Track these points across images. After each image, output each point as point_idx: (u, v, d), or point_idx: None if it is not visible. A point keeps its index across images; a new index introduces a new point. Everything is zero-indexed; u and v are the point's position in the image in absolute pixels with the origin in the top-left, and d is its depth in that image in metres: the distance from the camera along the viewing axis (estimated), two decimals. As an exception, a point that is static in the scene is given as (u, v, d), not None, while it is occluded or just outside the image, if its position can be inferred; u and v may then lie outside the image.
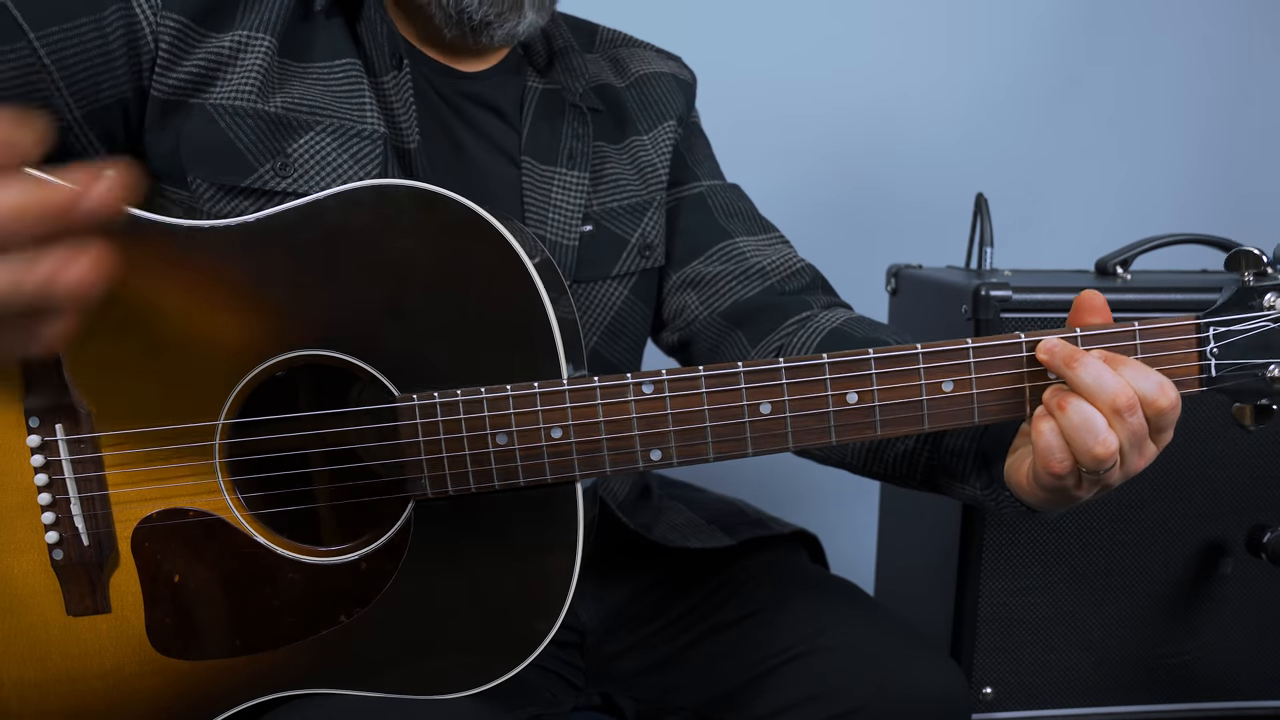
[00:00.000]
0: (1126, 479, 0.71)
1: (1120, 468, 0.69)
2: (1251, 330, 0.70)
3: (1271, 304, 0.70)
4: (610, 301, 0.97)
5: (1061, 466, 0.68)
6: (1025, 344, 0.70)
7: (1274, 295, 0.70)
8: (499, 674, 0.76)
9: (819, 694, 0.85)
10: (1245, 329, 0.70)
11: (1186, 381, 0.70)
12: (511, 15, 0.87)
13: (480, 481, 0.73)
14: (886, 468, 0.90)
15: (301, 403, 0.78)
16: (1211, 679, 1.23)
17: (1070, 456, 0.68)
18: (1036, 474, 0.71)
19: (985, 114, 1.73)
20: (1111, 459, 0.67)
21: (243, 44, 0.83)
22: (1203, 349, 0.70)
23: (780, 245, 1.02)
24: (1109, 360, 0.68)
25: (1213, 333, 0.70)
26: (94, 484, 0.75)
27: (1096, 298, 0.72)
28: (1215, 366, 0.70)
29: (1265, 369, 0.70)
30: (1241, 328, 0.70)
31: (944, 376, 0.71)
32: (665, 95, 1.03)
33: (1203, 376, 0.71)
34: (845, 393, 0.71)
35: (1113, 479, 0.70)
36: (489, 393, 0.72)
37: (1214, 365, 0.70)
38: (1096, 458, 0.67)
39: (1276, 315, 0.69)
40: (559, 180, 0.94)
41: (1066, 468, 0.68)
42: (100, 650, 0.77)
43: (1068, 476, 0.69)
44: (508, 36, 0.89)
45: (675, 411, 0.72)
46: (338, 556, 0.76)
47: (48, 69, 0.79)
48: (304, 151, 0.84)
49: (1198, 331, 0.70)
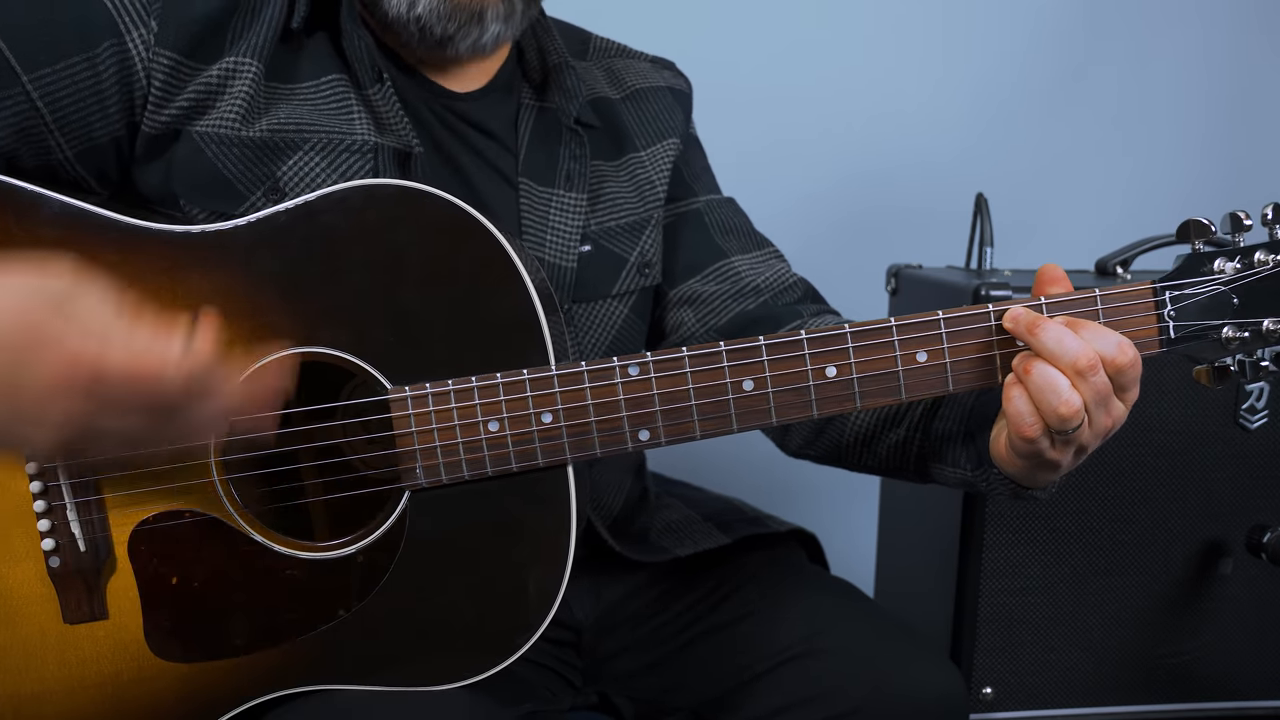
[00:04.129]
0: (1101, 440, 0.79)
1: (1089, 427, 0.77)
2: (1204, 294, 0.80)
3: (1221, 269, 0.80)
4: (611, 321, 1.04)
5: (1032, 430, 0.77)
6: (993, 314, 0.80)
7: (1223, 260, 0.80)
8: (494, 664, 0.82)
9: (816, 695, 0.91)
10: (1198, 292, 0.80)
11: (1148, 343, 0.80)
12: (472, 28, 0.93)
13: (473, 469, 0.81)
14: (880, 460, 0.98)
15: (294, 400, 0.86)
16: (1211, 679, 1.29)
17: (1040, 419, 0.76)
18: (1011, 440, 0.79)
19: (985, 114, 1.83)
20: (1077, 418, 0.75)
21: (231, 71, 0.89)
22: (1160, 312, 0.80)
23: (774, 261, 1.11)
24: (1070, 324, 0.77)
25: (1169, 295, 0.80)
26: (90, 489, 0.82)
27: (1056, 269, 0.82)
28: (1174, 328, 0.80)
29: (1219, 330, 0.80)
30: (1194, 291, 0.80)
31: (918, 348, 0.80)
32: (663, 112, 1.10)
33: (1162, 338, 0.80)
34: (824, 366, 0.80)
35: (1084, 439, 0.78)
36: (480, 381, 0.80)
37: (1172, 327, 0.80)
38: (1061, 417, 0.75)
39: (1226, 279, 0.79)
40: (556, 202, 1.01)
41: (1037, 430, 0.77)
42: (98, 658, 0.83)
43: (1040, 439, 0.77)
44: (472, 49, 0.95)
45: (661, 391, 0.80)
46: (335, 551, 0.83)
47: (39, 111, 0.85)
48: (293, 173, 0.90)
49: (1154, 295, 0.80)
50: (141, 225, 0.83)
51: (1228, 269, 0.79)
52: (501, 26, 0.95)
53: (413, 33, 0.94)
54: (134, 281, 0.81)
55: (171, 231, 0.83)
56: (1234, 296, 0.80)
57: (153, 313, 0.69)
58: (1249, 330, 0.80)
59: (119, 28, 0.86)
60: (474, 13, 0.93)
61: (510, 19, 0.95)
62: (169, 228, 0.83)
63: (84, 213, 0.82)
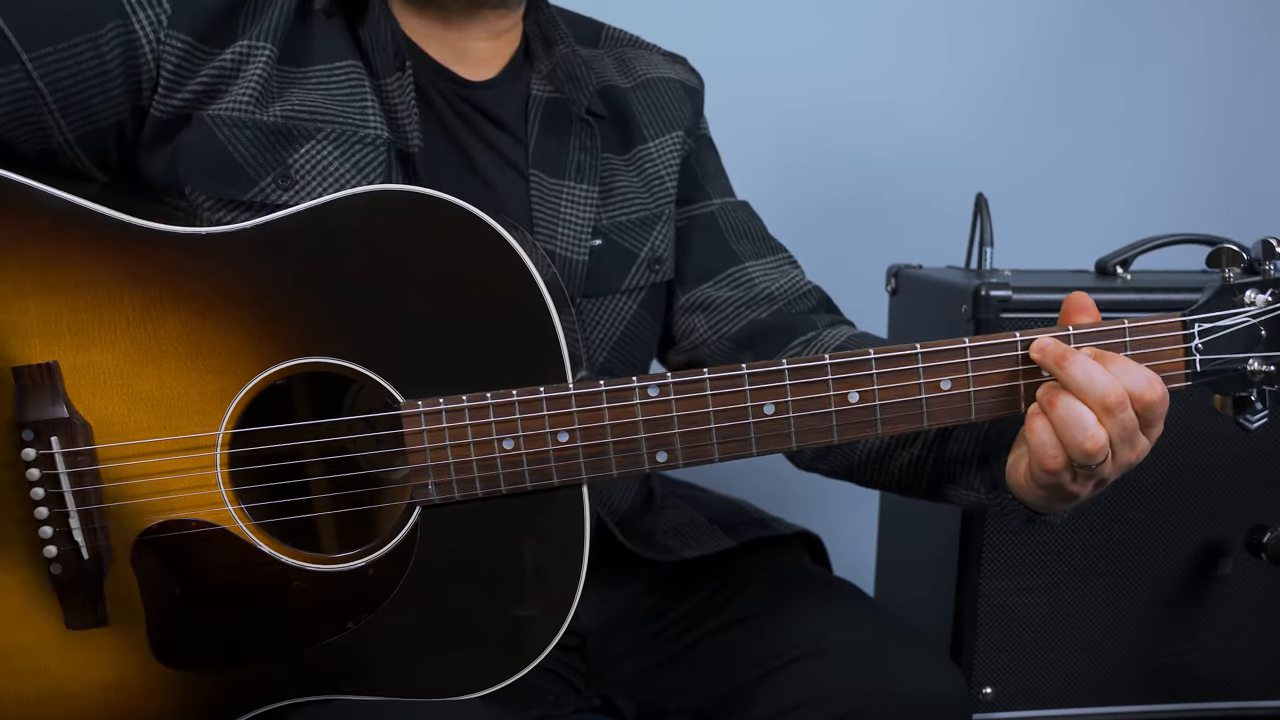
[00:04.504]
0: (1122, 472, 0.80)
1: (1112, 461, 0.77)
2: (1233, 326, 0.79)
3: (1252, 300, 0.79)
4: (620, 316, 1.04)
5: (1055, 462, 0.77)
6: (1020, 343, 0.79)
7: (1254, 291, 0.79)
8: (506, 676, 0.83)
9: (819, 696, 0.92)
10: (1228, 325, 0.79)
11: (1173, 376, 0.79)
12: None
13: (487, 486, 0.81)
14: (892, 478, 0.98)
15: (303, 410, 0.85)
16: (1211, 679, 1.31)
17: (1063, 452, 0.76)
18: (1032, 471, 0.79)
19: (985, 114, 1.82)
20: (1101, 453, 0.75)
21: (245, 54, 0.88)
22: (1188, 345, 0.79)
23: (788, 267, 1.10)
24: (1099, 357, 0.77)
25: (1198, 329, 0.79)
26: (92, 497, 0.81)
27: (1084, 299, 0.81)
28: (1200, 362, 0.80)
29: (1245, 363, 0.80)
30: (1224, 324, 0.79)
31: (942, 375, 0.79)
32: (672, 103, 1.10)
33: (1188, 372, 0.80)
34: (847, 392, 0.79)
35: (1106, 473, 0.78)
36: (494, 398, 0.79)
37: (1199, 361, 0.80)
38: (1086, 452, 0.75)
39: (1256, 311, 0.79)
40: (568, 194, 1.00)
41: (1060, 463, 0.77)
42: (101, 664, 0.83)
43: (1062, 472, 0.77)
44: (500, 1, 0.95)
45: (681, 414, 0.79)
46: (345, 564, 0.82)
47: (40, 91, 0.83)
48: (305, 162, 0.89)
49: (1183, 329, 0.79)
50: (145, 225, 0.81)
51: (1259, 300, 0.79)
52: None
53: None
54: (135, 284, 0.80)
55: (176, 233, 0.81)
56: (1262, 329, 0.79)
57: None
58: (1274, 364, 0.79)
59: (125, 9, 0.85)
60: None
61: None
62: (174, 229, 0.81)
63: (86, 211, 0.80)
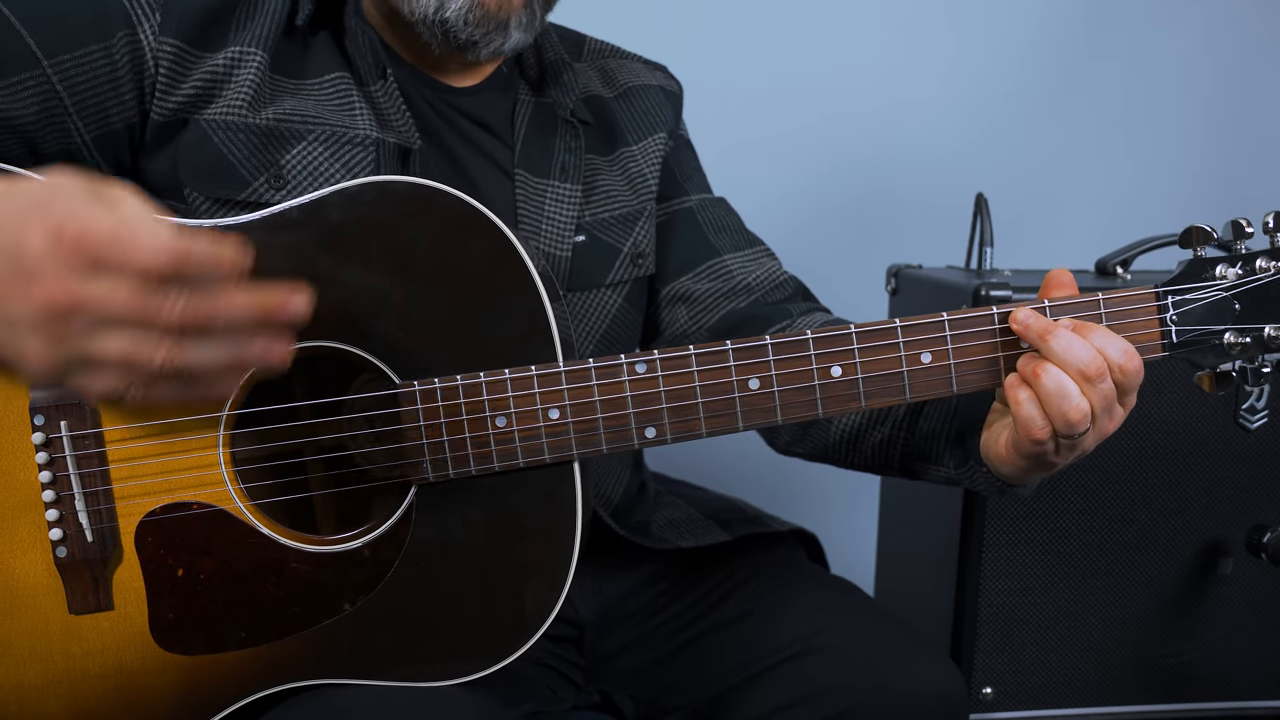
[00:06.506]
0: (1099, 441, 0.84)
1: (1093, 430, 0.82)
2: (1206, 299, 0.84)
3: (1223, 274, 0.83)
4: (605, 310, 1.09)
5: (1042, 433, 0.81)
6: (997, 315, 0.84)
7: (1225, 266, 0.83)
8: (503, 657, 0.86)
9: (816, 693, 0.94)
10: (1200, 297, 0.84)
11: (1150, 347, 0.84)
12: (496, 35, 0.99)
13: (480, 464, 0.85)
14: (865, 457, 1.02)
15: (304, 394, 0.89)
16: (1211, 679, 1.34)
17: (1049, 423, 0.80)
18: (1018, 443, 0.83)
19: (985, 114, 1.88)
20: (1085, 422, 0.80)
21: (236, 60, 0.94)
22: (1163, 316, 0.84)
23: (765, 259, 1.16)
24: (1078, 329, 0.81)
25: (1171, 300, 0.84)
26: (98, 479, 0.85)
27: (1064, 274, 0.85)
28: (1176, 333, 0.84)
29: (1221, 335, 0.84)
30: (1197, 296, 0.84)
31: (922, 349, 0.83)
32: (654, 108, 1.16)
33: (1164, 342, 0.84)
34: (830, 366, 0.83)
35: (1087, 443, 0.82)
36: (488, 377, 0.84)
37: (1174, 331, 0.84)
38: (1070, 422, 0.79)
39: (1228, 284, 0.83)
40: (552, 193, 1.06)
41: (1046, 433, 0.81)
42: (103, 648, 0.87)
43: (1048, 442, 0.82)
44: (493, 54, 1.01)
45: (668, 389, 0.84)
46: (342, 544, 0.86)
47: (59, 95, 0.90)
48: (296, 162, 0.95)
49: (1157, 300, 0.84)
50: (151, 217, 0.86)
51: (1230, 274, 0.83)
52: (523, 35, 1.00)
53: (436, 35, 0.98)
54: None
55: (183, 225, 0.86)
56: (1235, 302, 0.83)
57: None
58: (1250, 336, 0.83)
59: (131, 19, 0.92)
60: (501, 21, 0.98)
61: (530, 27, 1.01)
62: (181, 220, 0.86)
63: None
